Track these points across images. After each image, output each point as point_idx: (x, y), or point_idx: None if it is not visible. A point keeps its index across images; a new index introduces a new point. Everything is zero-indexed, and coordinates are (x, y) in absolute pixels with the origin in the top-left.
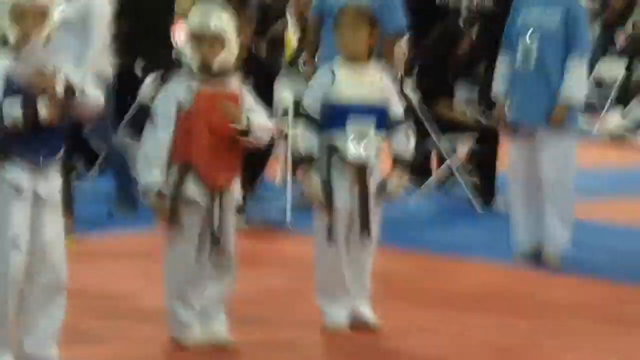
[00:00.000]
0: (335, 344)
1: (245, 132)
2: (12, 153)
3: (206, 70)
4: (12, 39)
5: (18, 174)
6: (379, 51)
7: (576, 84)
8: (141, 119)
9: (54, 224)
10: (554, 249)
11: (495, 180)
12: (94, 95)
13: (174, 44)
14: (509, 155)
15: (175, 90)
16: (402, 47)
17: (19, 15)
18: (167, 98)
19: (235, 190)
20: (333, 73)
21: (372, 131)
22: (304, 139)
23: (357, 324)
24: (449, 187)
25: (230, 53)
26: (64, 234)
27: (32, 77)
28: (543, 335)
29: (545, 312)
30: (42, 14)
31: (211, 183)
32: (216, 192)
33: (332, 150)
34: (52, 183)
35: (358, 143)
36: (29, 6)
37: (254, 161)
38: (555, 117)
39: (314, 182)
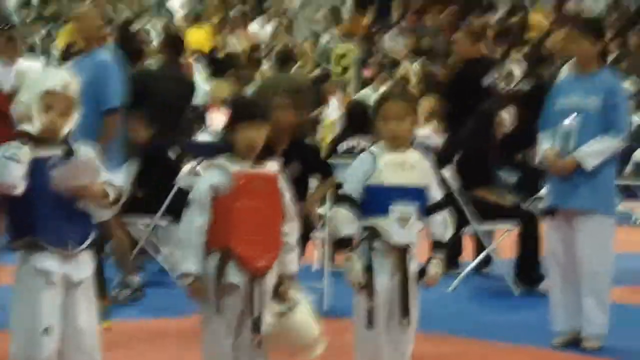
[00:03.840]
0: None
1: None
2: (40, 241)
3: (248, 153)
4: (36, 126)
5: (48, 261)
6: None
7: (595, 148)
8: (180, 204)
9: (87, 309)
10: (591, 333)
11: (536, 264)
12: (122, 185)
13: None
14: (547, 239)
15: (213, 174)
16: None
17: (48, 103)
18: (203, 183)
19: (275, 271)
20: (374, 157)
21: (414, 215)
22: (344, 221)
23: None
24: (487, 271)
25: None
26: (97, 319)
27: (81, 186)
28: None
29: None
30: (70, 105)
31: (252, 268)
32: (257, 276)
33: (373, 234)
34: (83, 268)
35: (401, 226)
36: (61, 95)
37: None
38: (562, 164)
39: (356, 265)
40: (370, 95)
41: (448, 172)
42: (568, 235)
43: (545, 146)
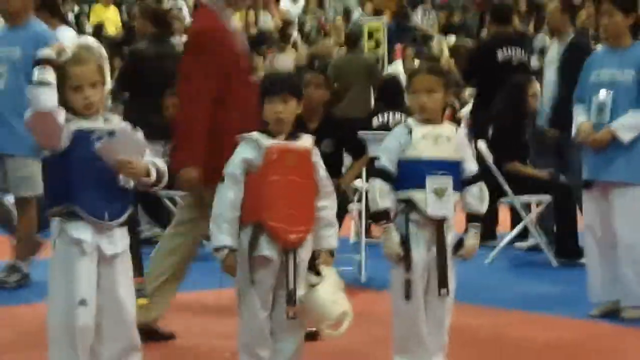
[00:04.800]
0: None
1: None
2: (76, 209)
3: (278, 128)
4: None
5: (81, 230)
6: None
7: (631, 121)
8: None
9: (124, 283)
10: (630, 303)
11: (574, 236)
12: (165, 168)
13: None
14: (584, 212)
15: (246, 149)
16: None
17: (78, 75)
18: (236, 158)
19: (309, 245)
20: (409, 130)
21: (450, 187)
22: (381, 194)
23: None
24: (525, 243)
25: (294, 110)
26: (134, 293)
27: (122, 164)
28: None
29: None
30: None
31: (284, 241)
32: (289, 249)
33: (409, 206)
34: (117, 242)
35: (437, 199)
36: (94, 55)
37: None
38: (597, 137)
39: (393, 237)
40: (401, 70)
41: (482, 145)
42: (604, 208)
43: (580, 119)
